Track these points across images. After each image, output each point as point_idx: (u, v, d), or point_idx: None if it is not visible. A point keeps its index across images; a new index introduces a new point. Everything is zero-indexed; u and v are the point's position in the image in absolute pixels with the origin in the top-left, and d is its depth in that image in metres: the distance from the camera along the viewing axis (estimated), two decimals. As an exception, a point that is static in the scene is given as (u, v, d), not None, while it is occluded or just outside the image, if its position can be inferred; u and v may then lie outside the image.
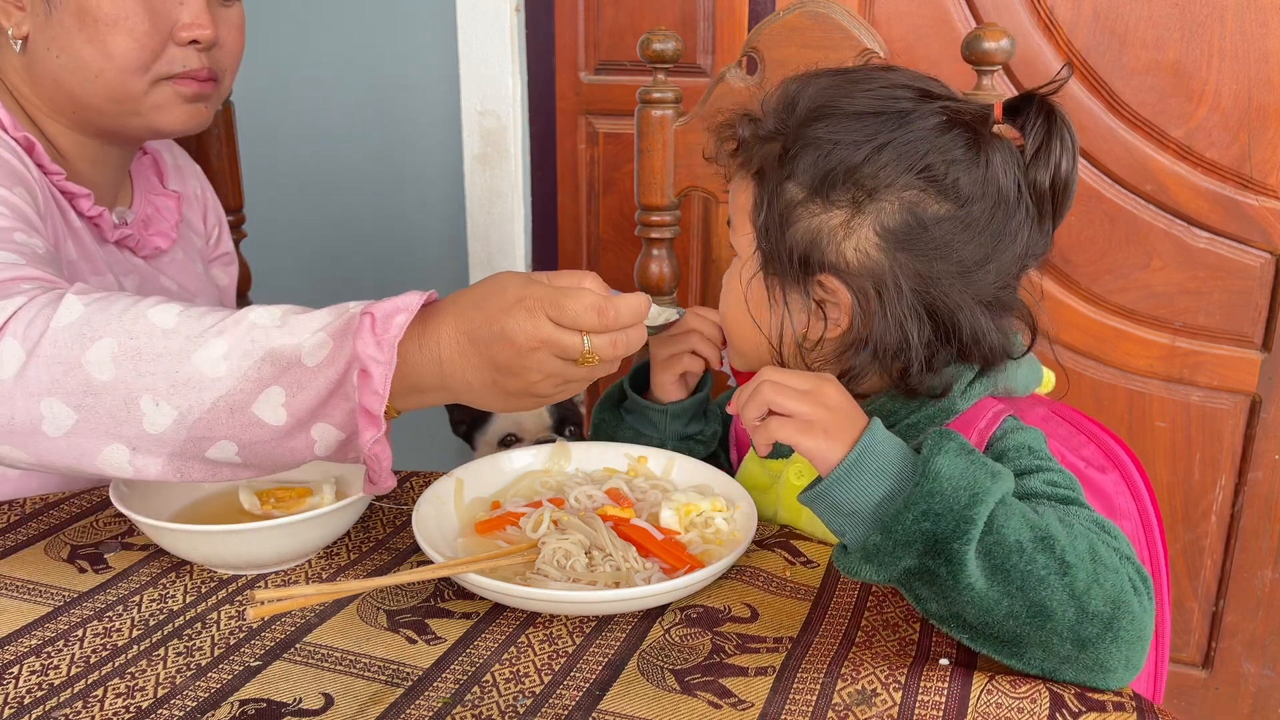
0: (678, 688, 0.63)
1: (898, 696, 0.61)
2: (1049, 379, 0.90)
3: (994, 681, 0.63)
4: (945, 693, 0.62)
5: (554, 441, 0.95)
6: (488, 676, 0.64)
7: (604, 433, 0.96)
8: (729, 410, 0.73)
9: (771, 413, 0.69)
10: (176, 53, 0.95)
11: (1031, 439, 0.77)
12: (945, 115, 0.75)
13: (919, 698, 0.61)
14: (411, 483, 0.91)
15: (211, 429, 0.68)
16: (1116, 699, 0.62)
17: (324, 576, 0.76)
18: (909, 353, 0.76)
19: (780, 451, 0.88)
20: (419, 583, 0.75)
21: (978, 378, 0.80)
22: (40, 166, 0.93)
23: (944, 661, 0.65)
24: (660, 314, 0.80)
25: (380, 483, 0.73)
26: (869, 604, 0.72)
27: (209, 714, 0.61)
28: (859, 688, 0.62)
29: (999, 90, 1.04)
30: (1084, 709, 0.61)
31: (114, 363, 0.67)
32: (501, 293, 0.70)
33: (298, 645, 0.67)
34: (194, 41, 0.94)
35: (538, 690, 0.63)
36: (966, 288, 0.75)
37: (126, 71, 0.93)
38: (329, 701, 0.62)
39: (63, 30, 0.91)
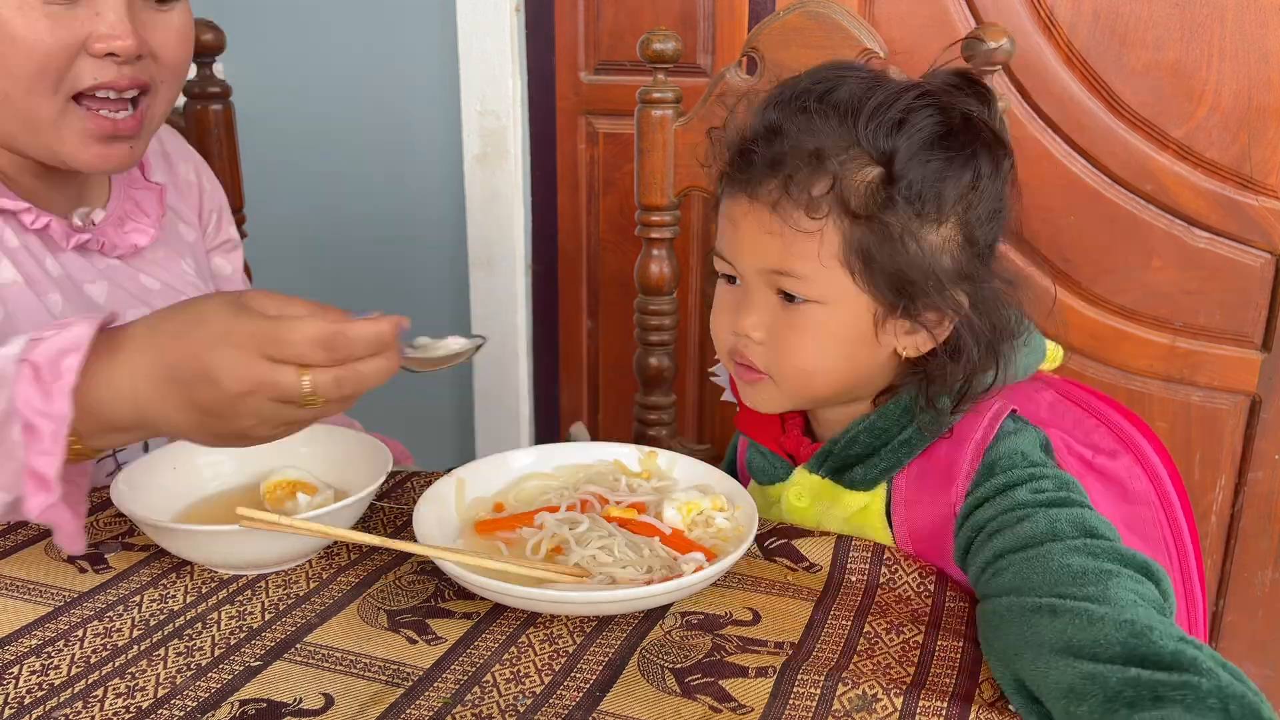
0: (678, 689, 0.62)
1: (899, 703, 0.61)
2: (1054, 353, 0.88)
3: (996, 696, 0.63)
4: (947, 699, 0.62)
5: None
6: (488, 676, 0.64)
7: None
8: None
9: None
10: (89, 65, 0.85)
11: (1024, 443, 0.76)
12: (984, 126, 0.77)
13: (920, 703, 0.61)
14: (412, 483, 0.91)
15: None
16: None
17: (324, 577, 0.76)
18: (984, 350, 0.77)
19: (776, 476, 0.88)
20: (419, 583, 0.75)
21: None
22: None
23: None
24: (452, 344, 0.70)
25: (66, 545, 0.65)
26: (872, 609, 0.72)
27: (209, 714, 0.60)
28: (860, 693, 0.62)
29: (998, 90, 1.04)
30: None
31: None
32: (205, 324, 0.61)
33: (298, 645, 0.67)
34: (111, 54, 0.85)
35: (538, 690, 0.63)
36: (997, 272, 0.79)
37: (32, 93, 0.84)
38: (329, 701, 0.62)
39: None
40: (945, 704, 0.61)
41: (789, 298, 0.77)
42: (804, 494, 0.85)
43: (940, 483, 0.78)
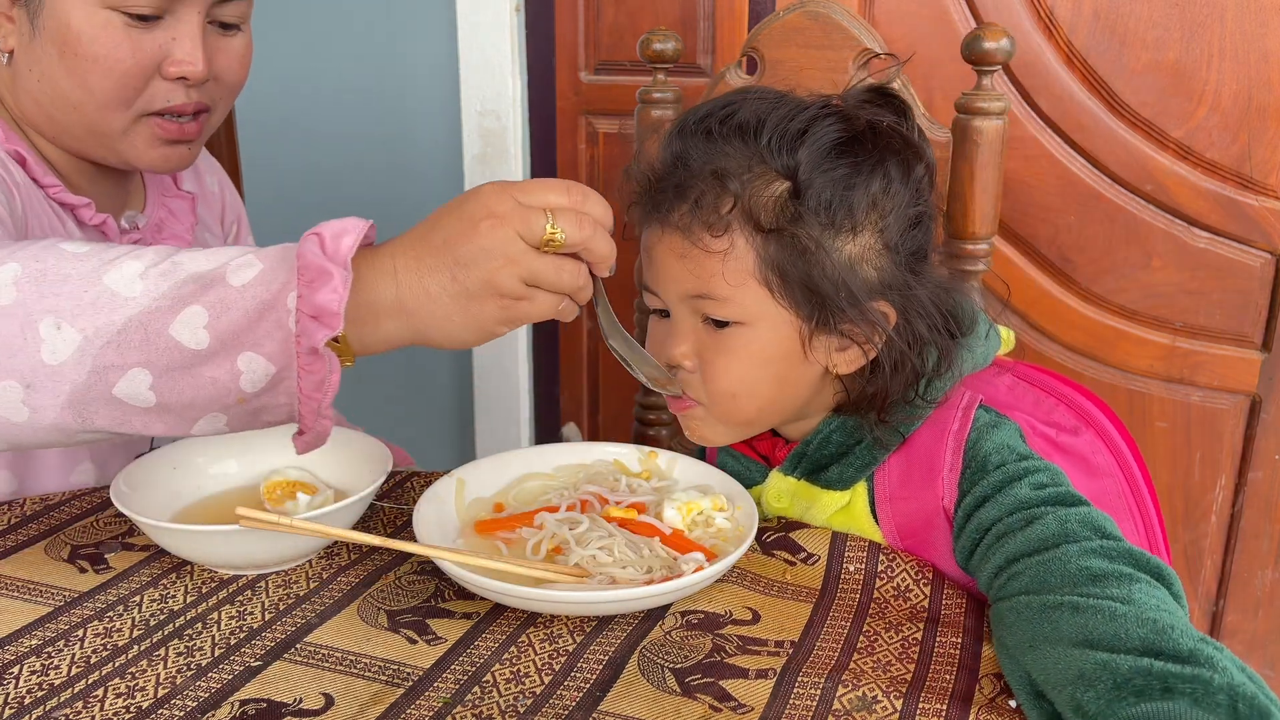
0: (678, 689, 0.62)
1: (898, 704, 0.61)
2: (1007, 337, 0.89)
3: (995, 703, 0.63)
4: (947, 699, 0.62)
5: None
6: (488, 676, 0.64)
7: None
8: None
9: None
10: (162, 88, 0.88)
11: (1008, 436, 0.77)
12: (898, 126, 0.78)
13: (920, 704, 0.61)
14: (412, 483, 0.91)
15: (122, 354, 0.61)
16: None
17: (324, 577, 0.76)
18: (925, 357, 0.77)
19: (752, 480, 0.88)
20: (419, 583, 0.75)
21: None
22: (35, 181, 0.90)
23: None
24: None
25: (309, 440, 0.66)
26: (870, 609, 0.72)
27: (209, 714, 0.61)
28: (860, 694, 0.62)
29: (998, 90, 1.04)
30: (1084, 709, 0.61)
31: (15, 286, 0.61)
32: (456, 204, 0.66)
33: (298, 645, 0.67)
34: (182, 78, 0.88)
35: (538, 690, 0.63)
36: (935, 270, 0.79)
37: (106, 108, 0.87)
38: (329, 701, 0.62)
39: (45, 56, 0.86)
40: (945, 705, 0.61)
41: (716, 324, 0.78)
42: (782, 496, 0.85)
43: (924, 477, 0.78)
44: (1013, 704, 0.61)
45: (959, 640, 0.68)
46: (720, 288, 0.75)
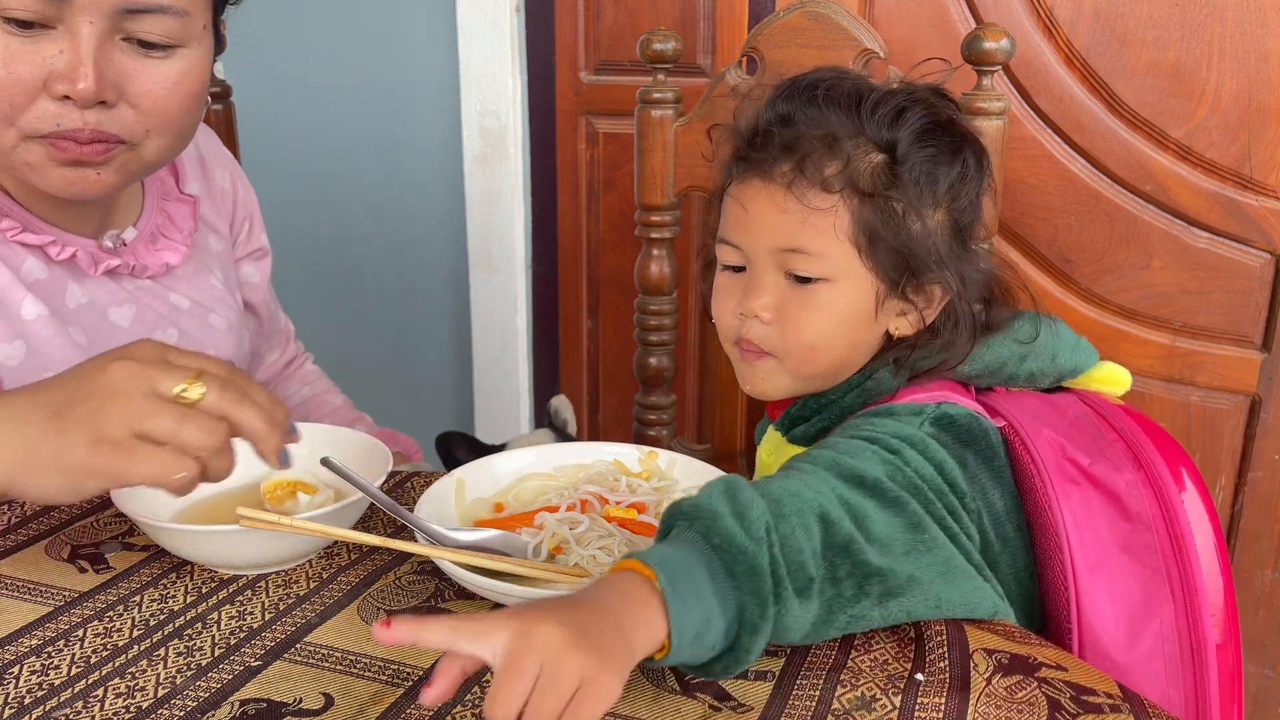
0: (678, 688, 0.63)
1: (897, 701, 0.61)
2: (1117, 376, 0.92)
3: (991, 686, 0.63)
4: (944, 695, 0.62)
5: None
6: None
7: None
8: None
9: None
10: (50, 108, 0.77)
11: (902, 406, 0.80)
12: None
13: (919, 700, 0.61)
14: (412, 483, 0.91)
15: None
16: (1110, 700, 0.62)
17: (324, 577, 0.76)
18: (967, 329, 0.83)
19: (763, 433, 0.95)
20: (419, 583, 0.75)
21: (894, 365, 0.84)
22: None
23: (919, 677, 0.65)
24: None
25: None
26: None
27: (209, 714, 0.61)
28: (859, 694, 0.62)
29: (998, 90, 1.04)
30: (1080, 711, 0.61)
31: None
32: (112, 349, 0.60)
33: (298, 645, 0.68)
34: (67, 97, 0.77)
35: (538, 690, 0.63)
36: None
37: None
38: (329, 701, 0.62)
39: None
40: (943, 700, 0.61)
41: (799, 280, 0.82)
42: (770, 449, 0.92)
43: None
44: (1009, 704, 0.61)
45: (941, 626, 0.68)
46: (816, 243, 0.80)
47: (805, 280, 0.81)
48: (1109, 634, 0.76)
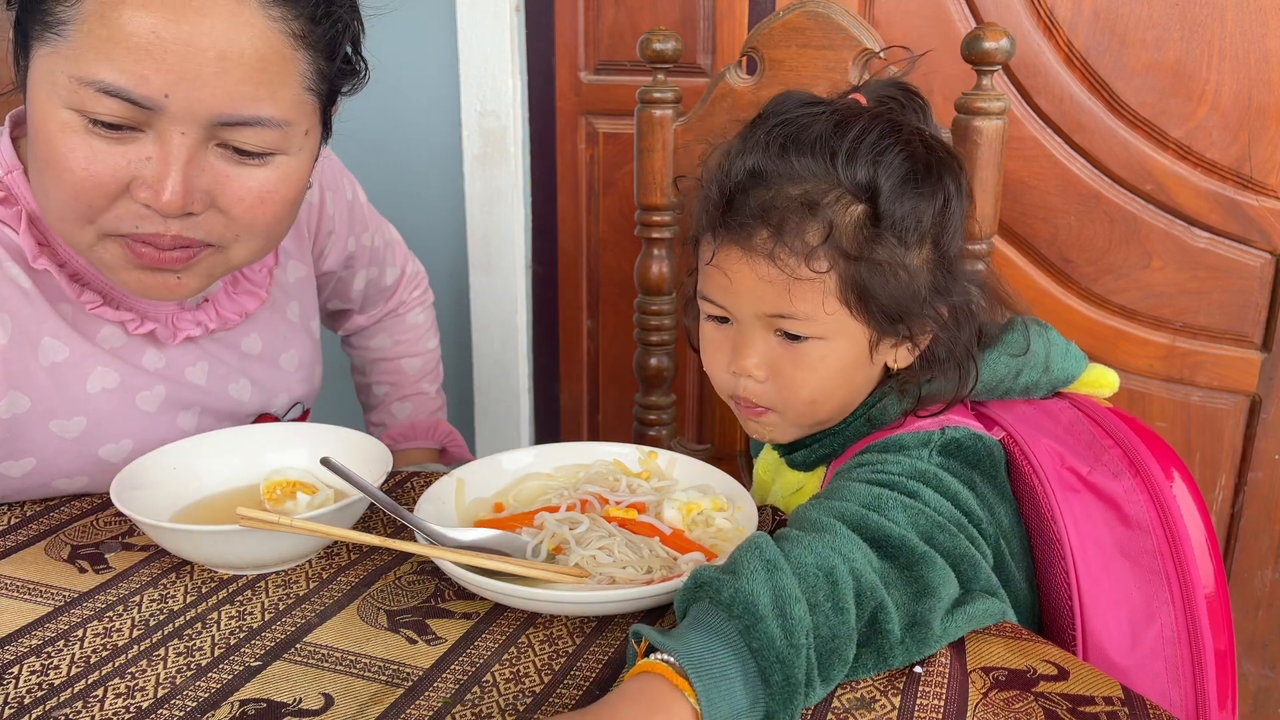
0: (678, 688, 0.62)
1: (896, 701, 0.61)
2: (1104, 378, 0.91)
3: (989, 695, 0.63)
4: (944, 697, 0.62)
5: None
6: (488, 676, 0.64)
7: None
8: None
9: None
10: (130, 209, 0.74)
11: (909, 437, 0.79)
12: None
13: (918, 701, 0.61)
14: (412, 483, 0.91)
15: None
16: (1110, 707, 0.62)
17: (324, 576, 0.76)
18: (961, 353, 0.81)
19: (760, 447, 0.94)
20: (419, 583, 0.75)
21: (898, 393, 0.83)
22: (65, 298, 0.81)
23: (918, 669, 0.65)
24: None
25: None
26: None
27: (209, 714, 0.61)
28: (859, 694, 0.62)
29: (998, 90, 1.04)
30: (1077, 710, 0.61)
31: None
32: None
33: (298, 645, 0.68)
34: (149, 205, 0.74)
35: (538, 690, 0.63)
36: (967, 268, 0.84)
37: (63, 220, 0.75)
38: (329, 701, 0.62)
39: (34, 153, 0.75)
40: (942, 702, 0.61)
41: (789, 337, 0.79)
42: (767, 467, 0.91)
43: None
44: (1007, 706, 0.61)
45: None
46: (803, 308, 0.77)
47: (796, 338, 0.79)
48: (1111, 638, 0.76)
